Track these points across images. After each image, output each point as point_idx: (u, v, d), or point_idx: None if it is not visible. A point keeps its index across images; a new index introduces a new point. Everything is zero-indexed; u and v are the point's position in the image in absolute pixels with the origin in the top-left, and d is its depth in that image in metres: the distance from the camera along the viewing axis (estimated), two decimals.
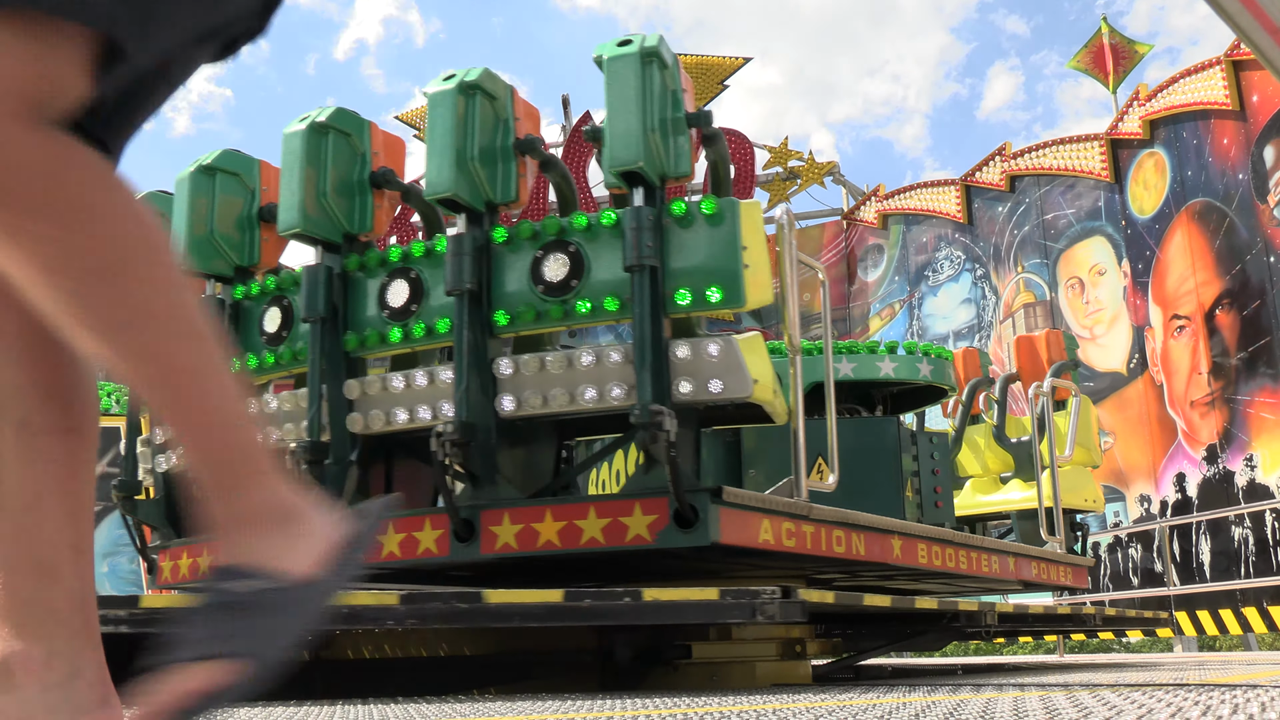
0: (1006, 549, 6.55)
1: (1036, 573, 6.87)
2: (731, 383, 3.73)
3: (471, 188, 4.06)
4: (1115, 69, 16.30)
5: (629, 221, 3.83)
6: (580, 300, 3.91)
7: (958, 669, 7.71)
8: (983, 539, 6.40)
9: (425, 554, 3.99)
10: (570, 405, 3.81)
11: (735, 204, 3.91)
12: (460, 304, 3.98)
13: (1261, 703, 2.71)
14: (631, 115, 3.86)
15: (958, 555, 5.83)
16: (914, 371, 6.76)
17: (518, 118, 4.22)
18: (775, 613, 3.36)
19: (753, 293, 3.81)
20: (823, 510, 4.49)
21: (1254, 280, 12.86)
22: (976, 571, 5.99)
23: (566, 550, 3.82)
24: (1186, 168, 14.05)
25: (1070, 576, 7.55)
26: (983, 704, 2.63)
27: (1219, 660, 7.99)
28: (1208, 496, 13.34)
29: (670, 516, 3.71)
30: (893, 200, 19.09)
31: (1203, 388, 13.51)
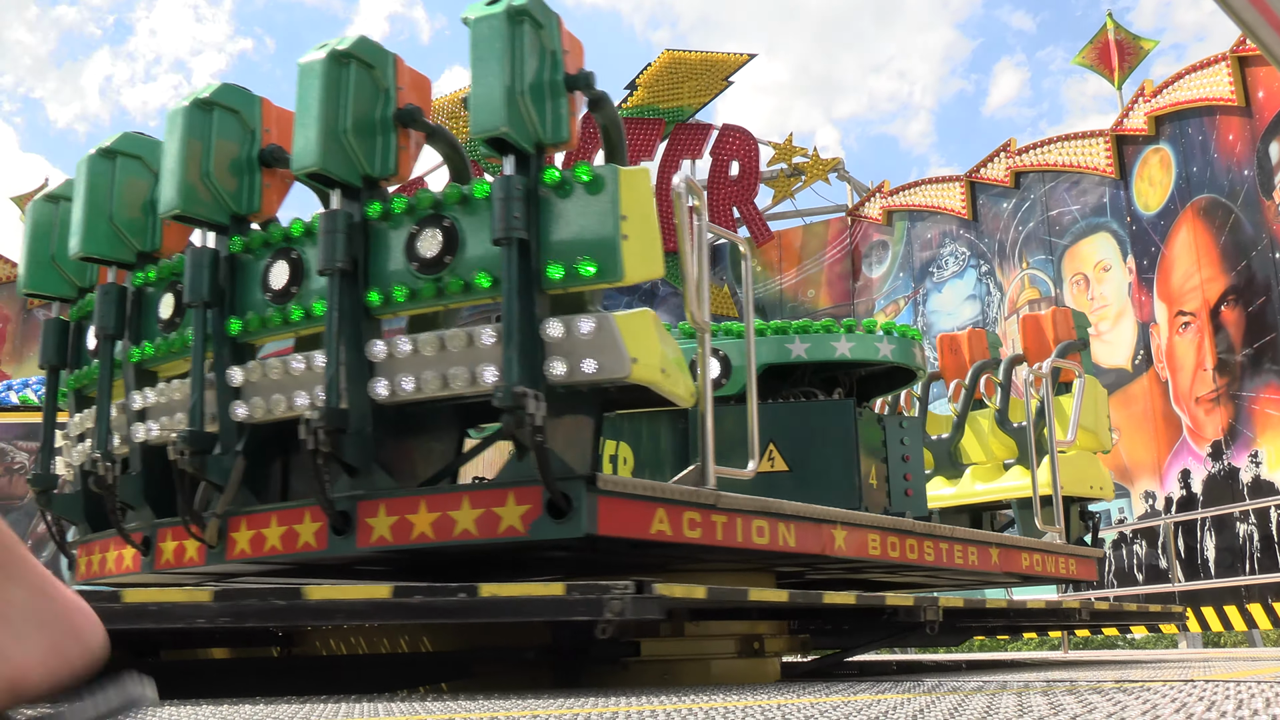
0: (988, 539, 6.26)
1: (1029, 565, 6.60)
2: (607, 362, 3.51)
3: (345, 161, 3.86)
4: (1120, 65, 16.25)
5: (496, 192, 3.61)
6: (454, 277, 3.70)
7: (962, 664, 7.71)
8: (954, 529, 6.05)
9: (305, 548, 3.81)
10: (444, 389, 3.61)
11: (615, 171, 3.64)
12: (332, 284, 3.78)
13: (1266, 698, 2.72)
14: (495, 78, 3.62)
15: (921, 546, 5.55)
16: (872, 351, 6.33)
17: (400, 87, 4.01)
18: (626, 610, 3.16)
19: (634, 266, 3.59)
20: (735, 499, 4.23)
21: (1259, 276, 12.81)
22: (948, 564, 5.71)
23: (440, 543, 3.63)
24: (1192, 164, 14.00)
25: (1075, 568, 7.24)
26: (954, 703, 2.62)
27: (1223, 656, 7.99)
28: (1212, 493, 13.31)
29: (543, 507, 3.50)
30: (897, 196, 19.06)
31: (1208, 384, 13.48)
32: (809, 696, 2.98)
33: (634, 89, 20.87)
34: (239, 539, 3.95)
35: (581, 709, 2.66)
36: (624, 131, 4.17)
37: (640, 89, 20.83)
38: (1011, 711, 2.50)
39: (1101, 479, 8.23)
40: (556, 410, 3.65)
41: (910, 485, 6.32)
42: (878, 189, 19.59)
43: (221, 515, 3.94)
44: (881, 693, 3.21)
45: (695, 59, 20.83)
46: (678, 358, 3.98)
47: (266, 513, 3.93)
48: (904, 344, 6.44)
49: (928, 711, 2.44)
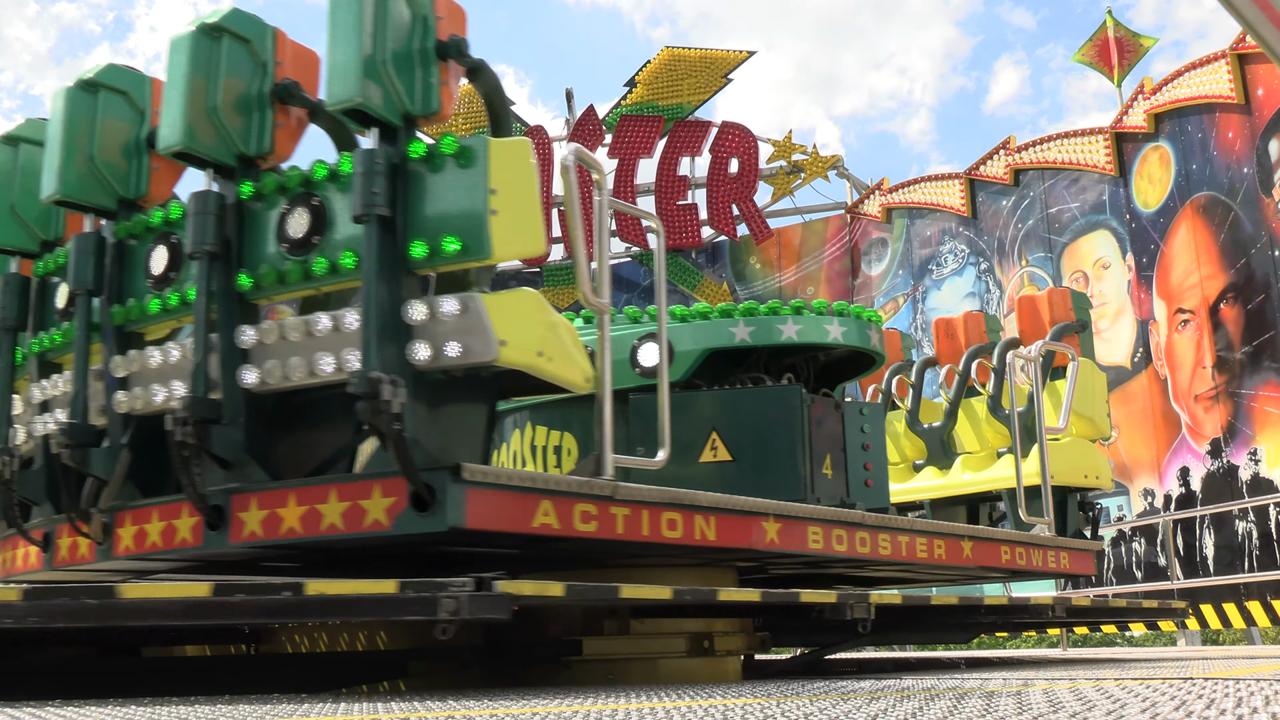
0: (958, 532, 5.98)
1: (1009, 559, 6.26)
2: (472, 345, 3.32)
3: (217, 140, 3.67)
4: (1120, 62, 16.19)
5: (356, 166, 3.40)
6: (320, 259, 3.49)
7: (961, 662, 7.70)
8: (914, 521, 5.79)
9: (182, 544, 3.64)
10: (310, 377, 3.42)
11: (484, 141, 3.44)
12: (201, 268, 3.59)
13: (1265, 696, 2.71)
14: (351, 46, 3.41)
15: (874, 540, 5.25)
16: (821, 333, 5.93)
17: (280, 62, 3.81)
18: (463, 608, 2.96)
19: (504, 242, 3.39)
20: (638, 490, 3.98)
21: (1259, 274, 12.78)
22: (909, 558, 5.46)
23: (308, 539, 3.45)
24: (1191, 161, 13.97)
25: (1067, 562, 6.94)
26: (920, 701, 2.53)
27: (1222, 654, 7.99)
28: (1211, 490, 13.28)
29: (408, 499, 3.30)
30: (896, 194, 19.02)
31: (1207, 382, 13.45)
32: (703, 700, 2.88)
33: (633, 86, 20.84)
34: (124, 535, 3.80)
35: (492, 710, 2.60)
36: (508, 102, 4.00)
37: (640, 86, 20.79)
38: (1010, 709, 2.49)
39: (1098, 468, 7.86)
40: (436, 397, 3.48)
41: (871, 476, 5.94)
42: (877, 186, 19.55)
43: (105, 511, 3.78)
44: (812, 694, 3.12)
45: (695, 56, 20.79)
46: (569, 341, 3.78)
47: (148, 508, 3.76)
48: (857, 326, 6.10)
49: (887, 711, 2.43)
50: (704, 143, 20.46)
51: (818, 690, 3.42)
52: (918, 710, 2.53)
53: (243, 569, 4.48)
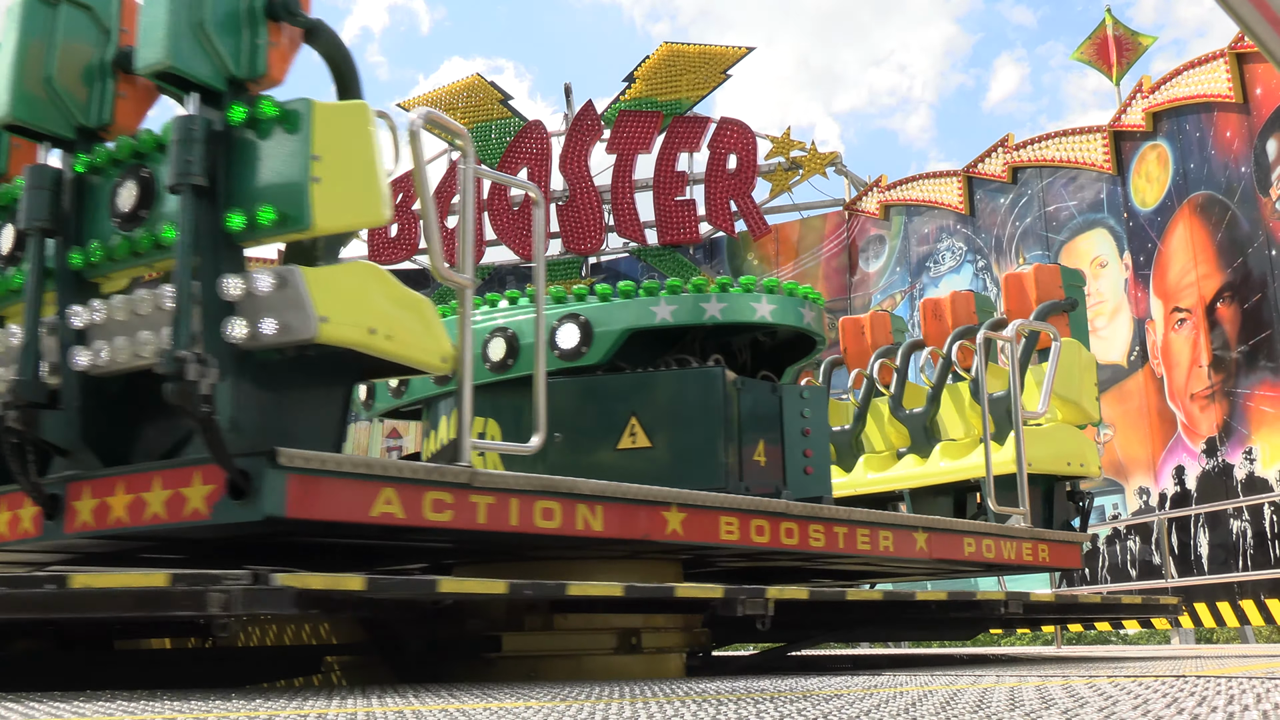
0: (911, 523, 5.66)
1: (973, 551, 5.92)
2: (290, 321, 3.12)
3: (54, 110, 3.50)
4: (1119, 61, 16.18)
5: (173, 133, 3.19)
6: (146, 233, 3.31)
7: (960, 659, 7.70)
8: (852, 511, 5.35)
9: (24, 534, 3.49)
10: (135, 359, 3.23)
11: (309, 105, 3.23)
12: (31, 244, 3.41)
13: (1257, 694, 2.70)
14: (160, 5, 3.22)
15: (803, 531, 4.95)
16: (747, 312, 5.52)
17: (125, 29, 3.58)
18: (236, 603, 2.74)
19: (329, 213, 3.18)
20: (499, 478, 3.76)
21: (1255, 274, 12.78)
22: (847, 550, 5.18)
23: (134, 529, 3.25)
24: (1189, 160, 13.95)
25: (1047, 555, 6.52)
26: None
27: (1215, 653, 7.99)
28: (1206, 489, 13.28)
29: (225, 486, 3.11)
30: (894, 191, 19.01)
31: (1203, 381, 13.45)
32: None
33: (632, 81, 20.81)
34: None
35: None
36: (354, 64, 3.78)
37: (639, 81, 20.76)
38: (1003, 704, 2.48)
39: (1083, 455, 7.34)
40: (267, 378, 3.31)
41: (811, 463, 5.53)
42: (875, 183, 19.53)
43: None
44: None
45: (693, 52, 20.76)
46: (421, 319, 3.59)
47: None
48: (788, 304, 5.66)
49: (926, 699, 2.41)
50: (702, 138, 20.44)
51: (719, 691, 3.37)
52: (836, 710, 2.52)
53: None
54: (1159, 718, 2.08)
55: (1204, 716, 2.10)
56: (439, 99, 21.61)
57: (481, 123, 21.36)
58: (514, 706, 2.59)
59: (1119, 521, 14.34)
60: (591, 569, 4.68)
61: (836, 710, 2.39)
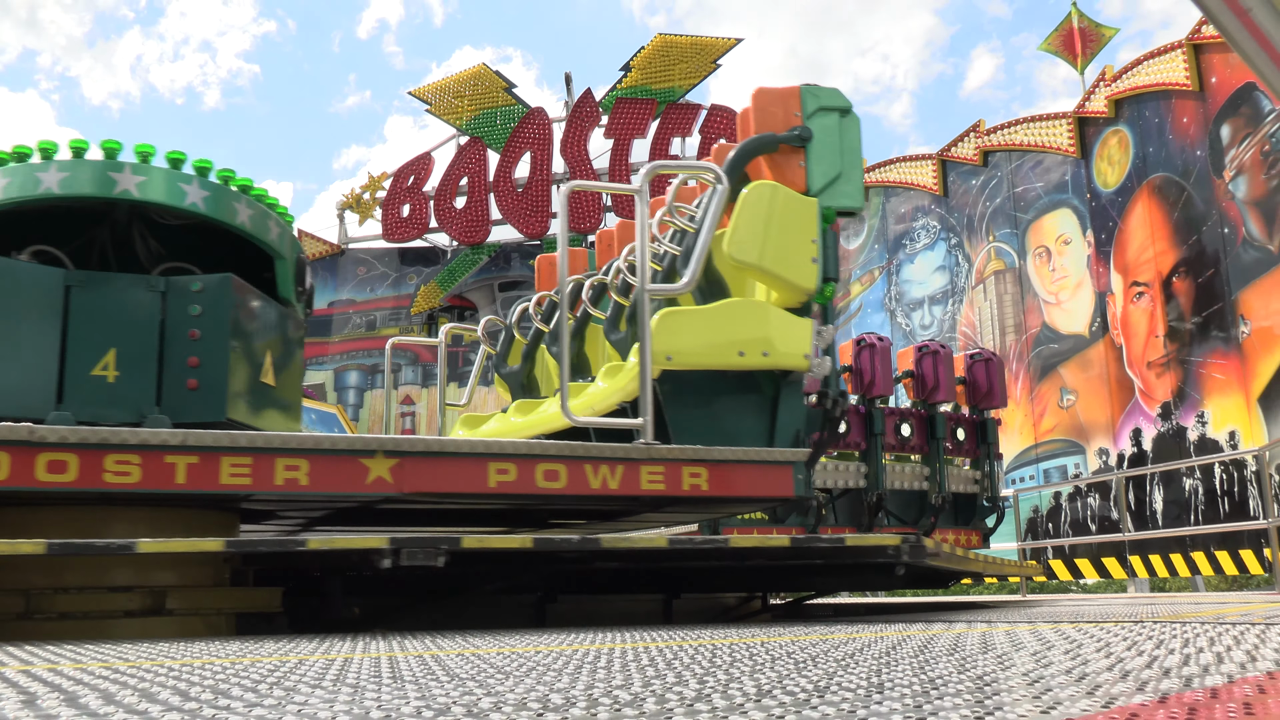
0: (374, 446, 4.05)
1: (560, 485, 4.30)
2: None
3: None
4: (1083, 51, 16.13)
5: None
6: None
7: (933, 606, 7.76)
8: (261, 436, 4.02)
9: None
10: None
11: None
12: None
13: (1209, 637, 2.73)
14: None
15: (152, 465, 3.73)
16: (98, 186, 4.24)
17: None
18: None
19: None
20: None
21: (1209, 250, 12.79)
22: (287, 489, 3.94)
23: None
24: (1148, 144, 13.94)
25: (706, 480, 4.53)
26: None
27: (1168, 600, 8.06)
28: (1161, 450, 13.34)
29: None
30: (874, 173, 18.95)
31: (1159, 350, 13.48)
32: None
33: (628, 70, 20.71)
34: None
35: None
36: None
37: (634, 70, 20.67)
38: (976, 647, 2.50)
39: (767, 338, 4.89)
40: None
41: (198, 376, 4.22)
42: None
43: None
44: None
45: (686, 43, 20.66)
46: None
47: None
48: (170, 182, 4.34)
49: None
50: (694, 124, 20.39)
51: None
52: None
53: None
54: (1120, 659, 2.10)
55: (1162, 658, 2.12)
56: (448, 87, 21.49)
57: (488, 109, 21.27)
58: (525, 651, 2.61)
59: (1080, 480, 14.40)
60: (96, 519, 4.10)
61: (825, 653, 2.41)
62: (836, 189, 5.17)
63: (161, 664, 2.32)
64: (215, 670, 2.13)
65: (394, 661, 2.33)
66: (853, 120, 5.28)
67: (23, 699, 1.64)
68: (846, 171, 5.19)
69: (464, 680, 1.88)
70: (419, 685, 1.80)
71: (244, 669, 2.16)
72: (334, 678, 1.95)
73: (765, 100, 5.35)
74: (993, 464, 9.05)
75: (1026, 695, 1.50)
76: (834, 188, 5.16)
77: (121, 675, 2.04)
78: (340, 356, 21.58)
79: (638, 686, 1.72)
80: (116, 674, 2.07)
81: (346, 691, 1.70)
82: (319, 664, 2.28)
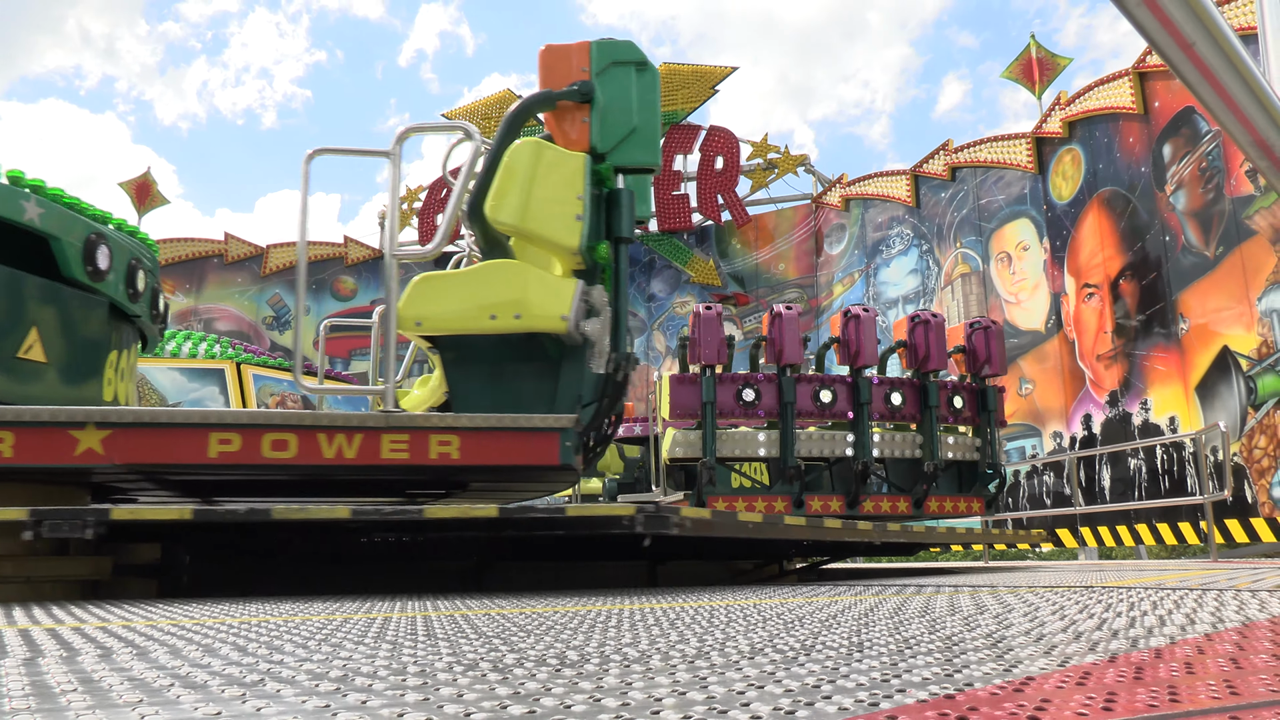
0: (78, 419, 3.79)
1: (339, 451, 3.93)
2: None
3: None
4: (1040, 78, 16.05)
5: None
6: None
7: (902, 571, 7.75)
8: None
9: None
10: None
11: None
12: None
13: (1152, 601, 2.72)
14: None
15: None
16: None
17: None
18: None
19: None
20: None
21: (1152, 255, 12.73)
22: None
23: None
24: (1098, 161, 13.88)
25: (457, 450, 4.04)
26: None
27: (1114, 567, 8.05)
28: (1109, 433, 13.31)
29: None
30: (854, 187, 18.92)
31: (1107, 344, 13.44)
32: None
33: None
34: None
35: None
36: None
37: None
38: (944, 610, 2.49)
39: (522, 298, 4.27)
40: None
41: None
42: (837, 181, 19.43)
43: None
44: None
45: (687, 70, 20.60)
46: None
47: None
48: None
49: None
50: (694, 143, 20.33)
51: None
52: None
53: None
54: (1074, 622, 2.09)
55: (1110, 620, 2.11)
56: (476, 110, 21.45)
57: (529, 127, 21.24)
58: (544, 611, 2.60)
59: (1036, 460, 14.37)
60: None
61: (810, 614, 2.40)
62: (630, 145, 4.51)
63: (222, 621, 2.32)
64: (270, 627, 2.13)
65: (428, 621, 2.33)
66: (650, 75, 4.58)
67: (99, 653, 1.64)
68: (641, 127, 4.52)
69: (490, 638, 1.87)
70: (450, 642, 1.79)
71: (295, 626, 2.16)
72: (374, 635, 1.95)
73: (552, 58, 4.60)
74: (993, 431, 8.14)
75: (990, 655, 1.49)
76: (627, 144, 4.51)
77: (186, 631, 2.04)
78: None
79: (644, 644, 1.71)
80: (182, 630, 2.07)
81: (386, 648, 1.70)
82: (361, 622, 2.28)
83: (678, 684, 1.21)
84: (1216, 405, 11.52)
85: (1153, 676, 1.23)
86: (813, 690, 1.15)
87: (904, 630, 1.93)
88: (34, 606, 3.12)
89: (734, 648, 1.64)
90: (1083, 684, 1.17)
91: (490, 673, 1.36)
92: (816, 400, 7.63)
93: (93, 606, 3.07)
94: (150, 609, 2.86)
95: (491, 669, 1.40)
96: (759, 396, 7.54)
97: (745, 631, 1.94)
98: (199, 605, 3.02)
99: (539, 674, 1.35)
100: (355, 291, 22.00)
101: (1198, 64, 2.43)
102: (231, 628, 2.14)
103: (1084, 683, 1.18)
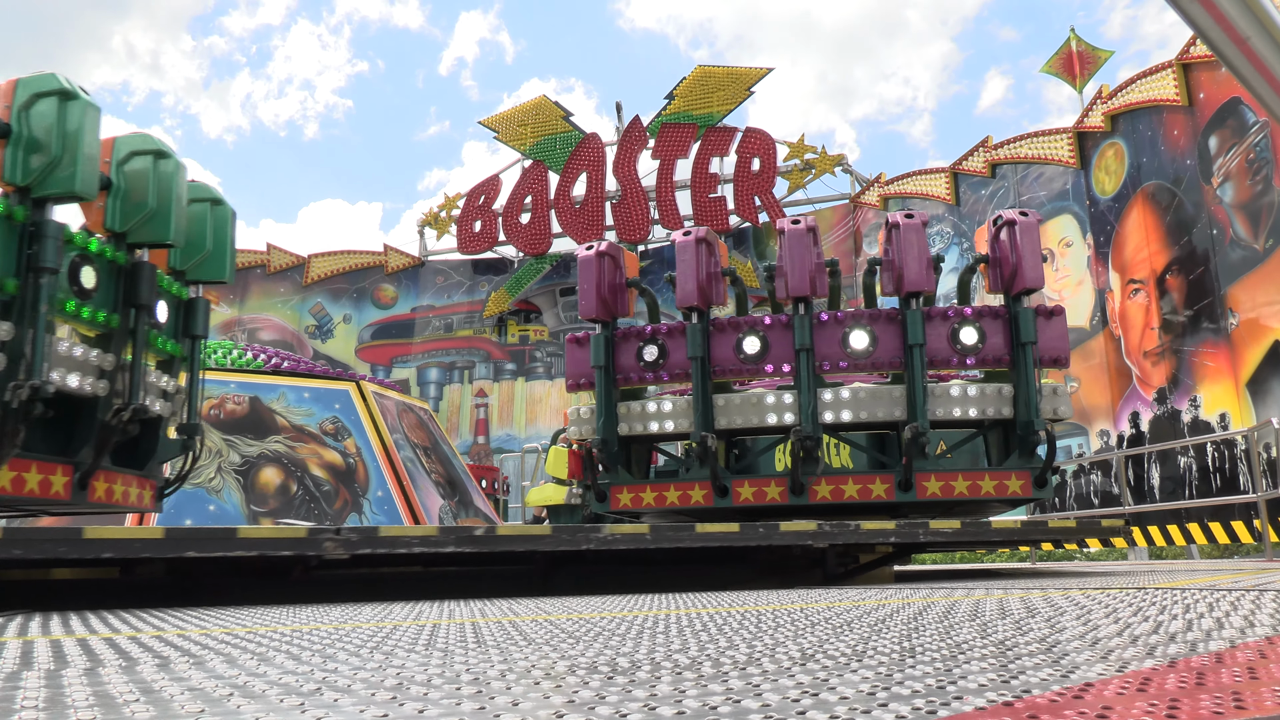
0: None
1: None
2: None
3: None
4: (1081, 72, 15.85)
5: None
6: None
7: (953, 574, 7.66)
8: None
9: None
10: None
11: None
12: None
13: (1208, 603, 2.67)
14: None
15: None
16: None
17: None
18: None
19: None
20: None
21: (1199, 249, 12.52)
22: None
23: None
24: (1142, 155, 13.67)
25: None
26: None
27: (1166, 568, 7.91)
28: (1158, 431, 13.08)
29: None
30: (892, 185, 18.78)
31: (1154, 341, 13.23)
32: None
33: (672, 98, 20.67)
34: None
35: None
36: None
37: (677, 98, 20.61)
38: (994, 613, 2.47)
39: None
40: None
41: None
42: (875, 180, 19.30)
43: None
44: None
45: (723, 73, 20.57)
46: None
47: None
48: None
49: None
50: (731, 145, 20.30)
51: None
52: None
53: None
54: (1129, 624, 2.06)
55: (1166, 623, 2.08)
56: (514, 116, 21.59)
57: (548, 135, 21.34)
58: (591, 617, 2.61)
59: (1084, 459, 14.16)
60: None
61: (859, 618, 2.39)
62: (53, 176, 4.46)
63: (275, 629, 2.35)
64: (322, 636, 2.16)
65: (476, 627, 2.35)
66: (78, 104, 4.52)
67: (158, 662, 1.67)
68: (66, 157, 4.47)
69: (540, 645, 1.88)
70: (501, 650, 1.80)
71: (346, 634, 2.18)
72: (425, 642, 1.96)
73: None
74: (1031, 376, 6.02)
75: (1046, 660, 1.47)
76: (51, 175, 4.45)
77: (240, 640, 2.07)
78: (421, 355, 21.80)
79: (694, 651, 1.71)
80: (236, 639, 2.10)
81: (438, 656, 1.71)
82: (411, 629, 2.30)
83: (731, 691, 1.21)
84: (1269, 401, 11.30)
85: (1215, 682, 1.21)
86: (868, 698, 1.15)
87: (954, 635, 1.91)
88: (89, 615, 3.18)
89: (784, 653, 1.64)
90: (1144, 690, 1.16)
91: (543, 680, 1.37)
92: (845, 345, 5.94)
93: (146, 615, 3.13)
94: (204, 617, 2.91)
95: (544, 676, 1.41)
96: (663, 354, 5.87)
97: (795, 637, 1.93)
98: (249, 611, 3.07)
99: (592, 681, 1.35)
100: (395, 299, 22.22)
101: (1252, 59, 2.39)
102: (284, 635, 2.17)
103: (1144, 689, 1.17)
